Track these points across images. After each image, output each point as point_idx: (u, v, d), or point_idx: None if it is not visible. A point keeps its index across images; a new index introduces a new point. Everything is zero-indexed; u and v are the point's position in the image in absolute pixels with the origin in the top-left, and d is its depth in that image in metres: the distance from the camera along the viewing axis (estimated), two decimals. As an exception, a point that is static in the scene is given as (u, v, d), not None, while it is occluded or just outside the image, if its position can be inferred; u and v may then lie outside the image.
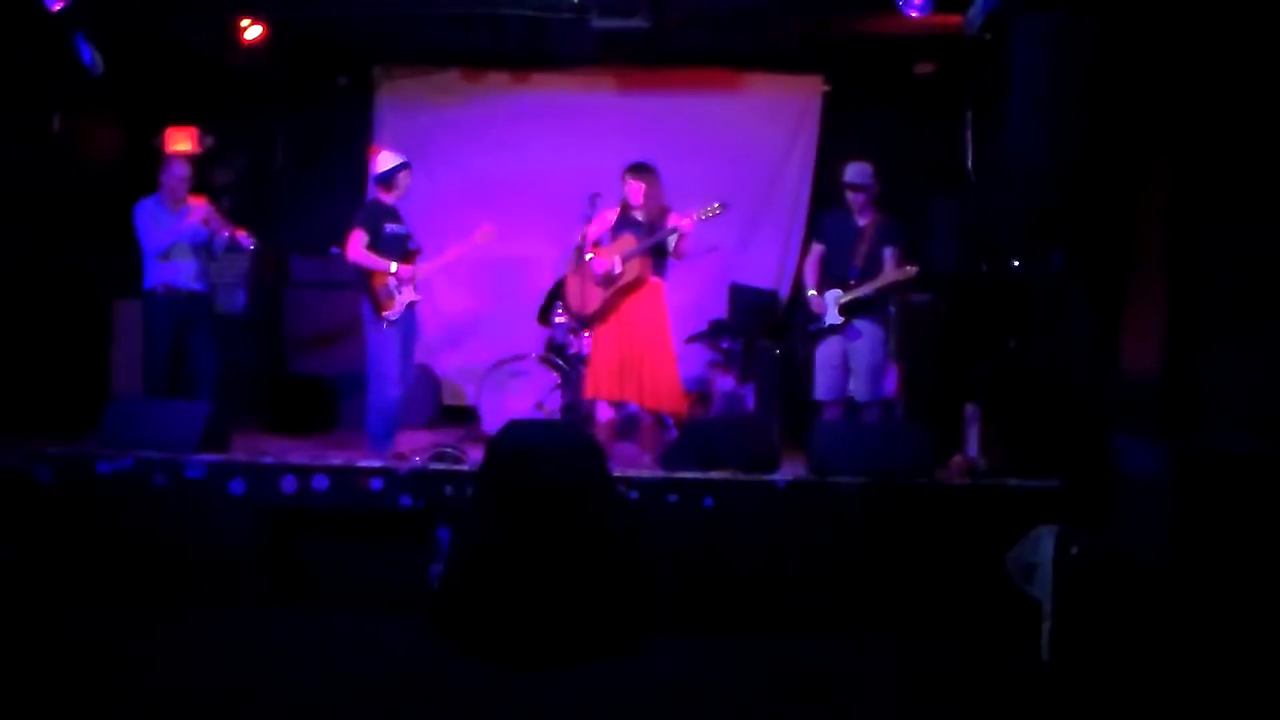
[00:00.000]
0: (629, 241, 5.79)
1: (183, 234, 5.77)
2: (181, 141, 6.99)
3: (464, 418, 7.37)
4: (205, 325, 5.89)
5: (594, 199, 5.86)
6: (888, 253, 5.67)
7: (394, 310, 5.69)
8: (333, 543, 4.44)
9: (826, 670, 3.78)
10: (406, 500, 4.41)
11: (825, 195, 7.11)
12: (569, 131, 7.74)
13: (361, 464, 4.55)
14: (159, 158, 6.35)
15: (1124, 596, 3.57)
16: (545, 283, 7.34)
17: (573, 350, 6.80)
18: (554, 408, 6.72)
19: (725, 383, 7.18)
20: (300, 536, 4.44)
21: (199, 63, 7.04)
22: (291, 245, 7.54)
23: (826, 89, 7.83)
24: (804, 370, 6.02)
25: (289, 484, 4.42)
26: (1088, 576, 3.66)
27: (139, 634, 3.94)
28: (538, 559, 3.81)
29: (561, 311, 6.95)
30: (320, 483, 4.43)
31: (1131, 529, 3.81)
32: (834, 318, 5.71)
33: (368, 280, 5.71)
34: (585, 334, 6.43)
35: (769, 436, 5.24)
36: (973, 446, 5.39)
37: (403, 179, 5.84)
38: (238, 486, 4.41)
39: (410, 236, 5.92)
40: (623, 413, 6.11)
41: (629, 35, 6.42)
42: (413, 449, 5.58)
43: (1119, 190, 4.63)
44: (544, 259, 7.56)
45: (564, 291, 6.24)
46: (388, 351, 5.72)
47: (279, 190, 7.99)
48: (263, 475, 4.43)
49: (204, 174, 6.74)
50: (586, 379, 6.00)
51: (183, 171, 5.88)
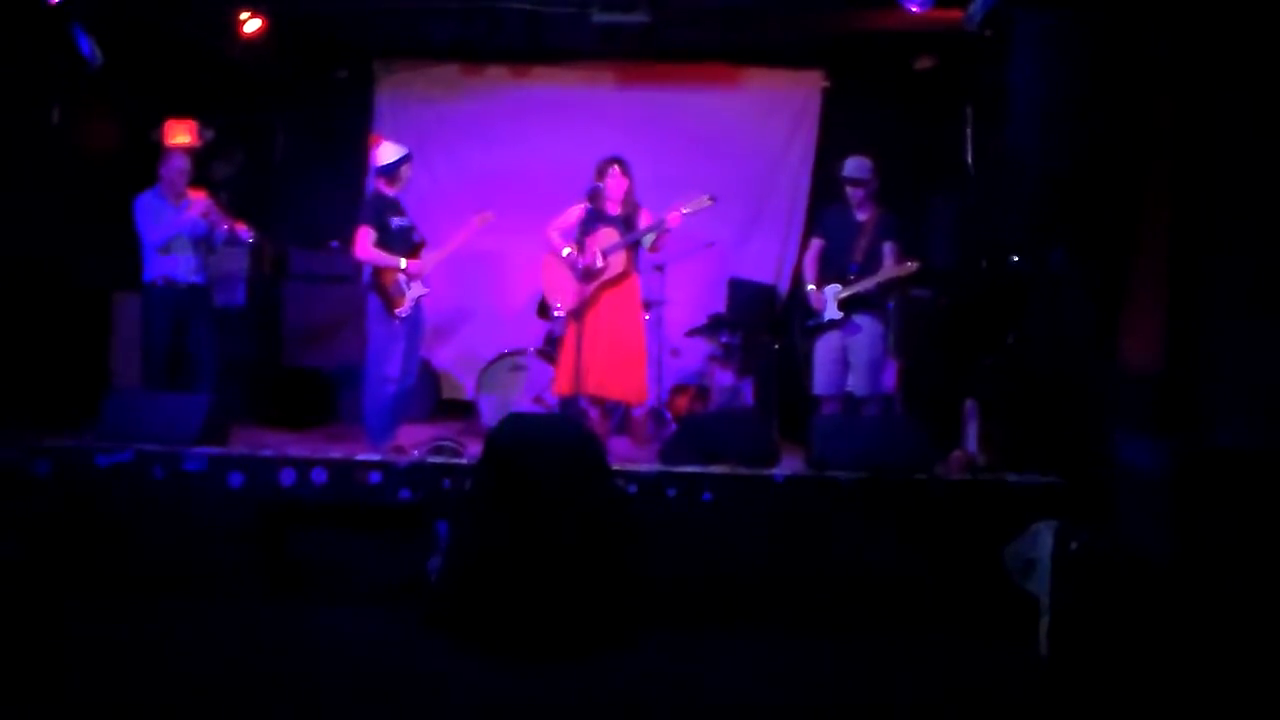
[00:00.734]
0: (610, 235, 5.77)
1: (182, 227, 5.76)
2: (181, 135, 6.96)
3: (462, 411, 7.37)
4: (204, 318, 5.87)
5: (594, 192, 5.85)
6: (887, 248, 5.68)
7: (405, 307, 5.68)
8: (331, 536, 4.44)
9: (824, 664, 3.79)
10: (405, 493, 4.42)
11: (825, 190, 7.09)
12: (569, 126, 7.73)
13: (360, 457, 4.55)
14: (158, 151, 6.33)
15: (1123, 592, 3.57)
16: (544, 277, 7.34)
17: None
18: (552, 401, 6.72)
19: (724, 377, 7.17)
20: (299, 529, 4.43)
21: (198, 56, 7.03)
22: (291, 239, 7.53)
23: (826, 84, 7.82)
24: (803, 365, 6.03)
25: (288, 477, 4.43)
26: (1086, 572, 3.66)
27: (138, 627, 3.94)
28: (535, 553, 3.82)
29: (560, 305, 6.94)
30: (319, 476, 4.43)
31: (1131, 525, 3.81)
32: (833, 313, 5.71)
33: (377, 278, 5.68)
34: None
35: (768, 431, 5.25)
36: (972, 442, 5.40)
37: (405, 171, 5.83)
38: (237, 479, 4.42)
39: (415, 229, 5.90)
40: (608, 407, 6.10)
41: (629, 30, 6.42)
42: (411, 443, 5.58)
43: (1119, 186, 4.62)
44: (543, 253, 7.54)
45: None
46: (392, 349, 5.71)
47: (278, 184, 7.96)
48: (262, 468, 4.44)
49: (203, 167, 6.74)
50: (557, 375, 5.99)
51: (182, 165, 5.87)
